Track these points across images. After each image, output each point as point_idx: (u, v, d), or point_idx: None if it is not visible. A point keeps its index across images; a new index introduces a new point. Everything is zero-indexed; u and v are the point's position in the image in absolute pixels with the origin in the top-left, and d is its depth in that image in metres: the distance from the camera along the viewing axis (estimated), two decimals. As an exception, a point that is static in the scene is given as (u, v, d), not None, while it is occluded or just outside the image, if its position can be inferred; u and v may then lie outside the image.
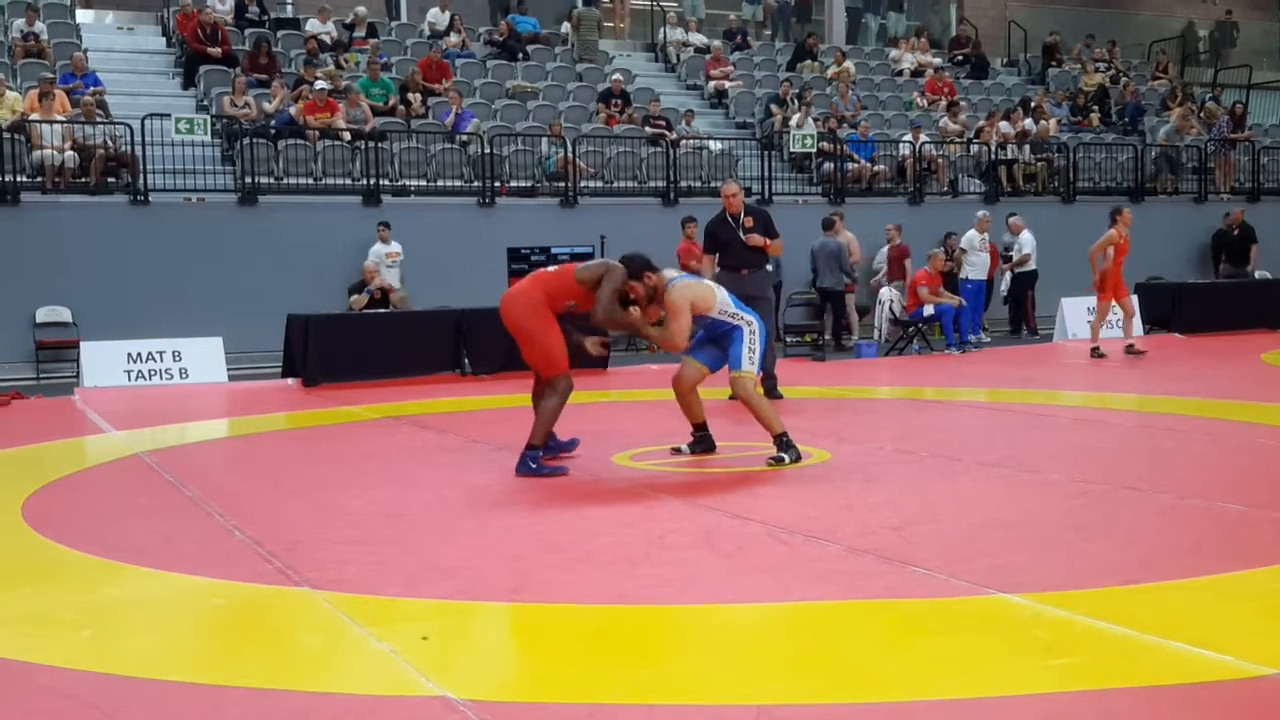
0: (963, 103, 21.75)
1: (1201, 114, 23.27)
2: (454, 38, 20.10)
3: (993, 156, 20.17)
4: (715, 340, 7.43)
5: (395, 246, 15.44)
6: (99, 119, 15.52)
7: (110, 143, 15.33)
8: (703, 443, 7.67)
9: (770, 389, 10.47)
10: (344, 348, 12.84)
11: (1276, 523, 5.48)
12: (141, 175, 15.08)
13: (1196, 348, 15.06)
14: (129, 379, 12.77)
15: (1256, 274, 19.27)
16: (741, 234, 10.33)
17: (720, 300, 7.31)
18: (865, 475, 6.88)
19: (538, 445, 7.03)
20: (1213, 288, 17.68)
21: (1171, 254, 18.05)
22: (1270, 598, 4.36)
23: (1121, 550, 5.12)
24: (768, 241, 10.35)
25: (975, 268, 16.64)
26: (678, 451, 7.69)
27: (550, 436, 7.46)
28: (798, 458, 7.21)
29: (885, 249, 17.61)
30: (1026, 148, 20.61)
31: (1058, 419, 9.38)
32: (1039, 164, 20.54)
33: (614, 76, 19.54)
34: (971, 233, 16.78)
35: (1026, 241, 17.07)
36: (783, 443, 7.24)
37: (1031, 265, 17.17)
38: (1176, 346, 15.50)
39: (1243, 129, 22.76)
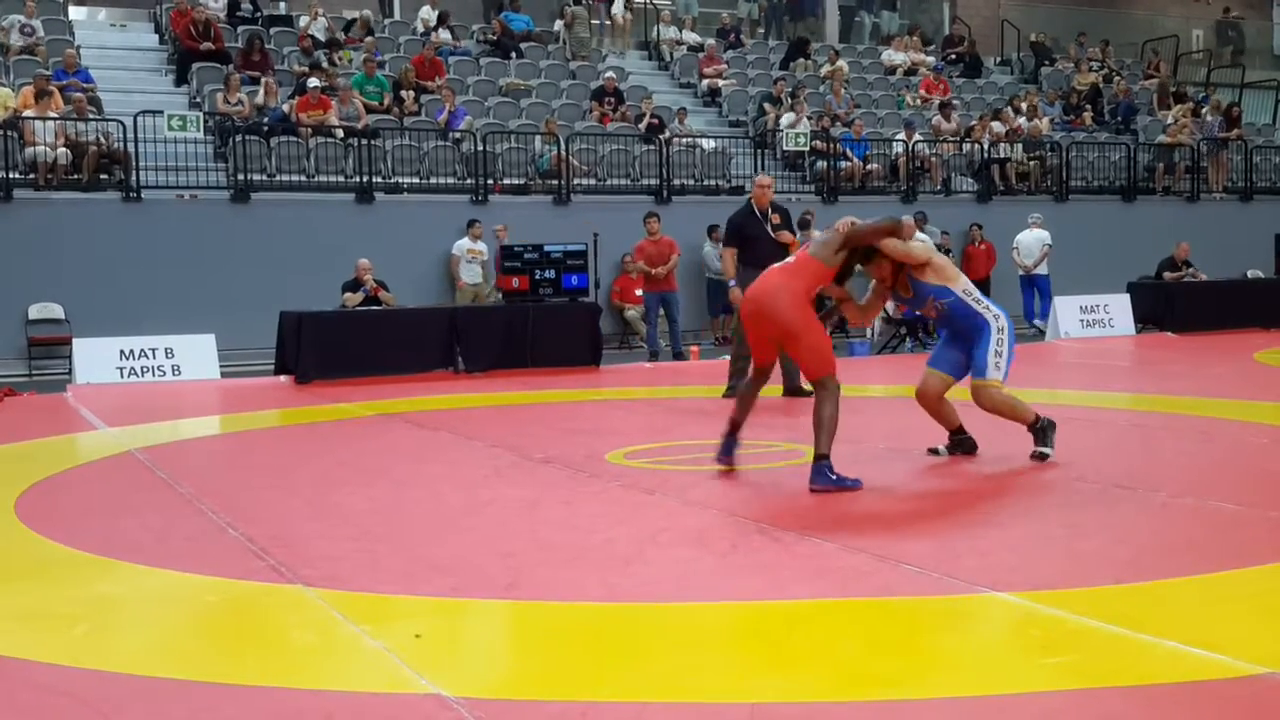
0: (955, 102, 21.77)
1: (1201, 114, 23.27)
2: (444, 34, 20.06)
3: (985, 155, 20.20)
4: (956, 339, 7.03)
5: (482, 245, 15.52)
6: (91, 116, 15.49)
7: (103, 139, 15.30)
8: (962, 444, 7.27)
9: (796, 387, 10.20)
10: (337, 345, 12.82)
11: (1271, 521, 5.49)
12: (134, 172, 15.06)
13: (1189, 346, 15.09)
14: (121, 376, 12.74)
15: (1249, 274, 19.34)
16: (770, 229, 9.90)
17: (966, 281, 6.95)
18: (859, 473, 6.87)
19: (827, 454, 6.39)
20: (1205, 287, 17.73)
21: (1164, 253, 18.05)
22: (1264, 596, 4.37)
23: (1114, 549, 5.12)
24: (794, 239, 10.04)
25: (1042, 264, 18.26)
26: (935, 452, 7.27)
27: (735, 437, 6.97)
28: (1054, 431, 7.01)
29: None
30: (1019, 147, 20.64)
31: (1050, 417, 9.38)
32: (1032, 163, 20.57)
33: (607, 74, 19.54)
34: (1040, 231, 18.14)
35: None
36: (1038, 430, 7.01)
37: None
38: (1169, 345, 15.54)
39: (1237, 127, 22.78)
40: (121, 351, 12.88)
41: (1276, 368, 12.60)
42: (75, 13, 20.06)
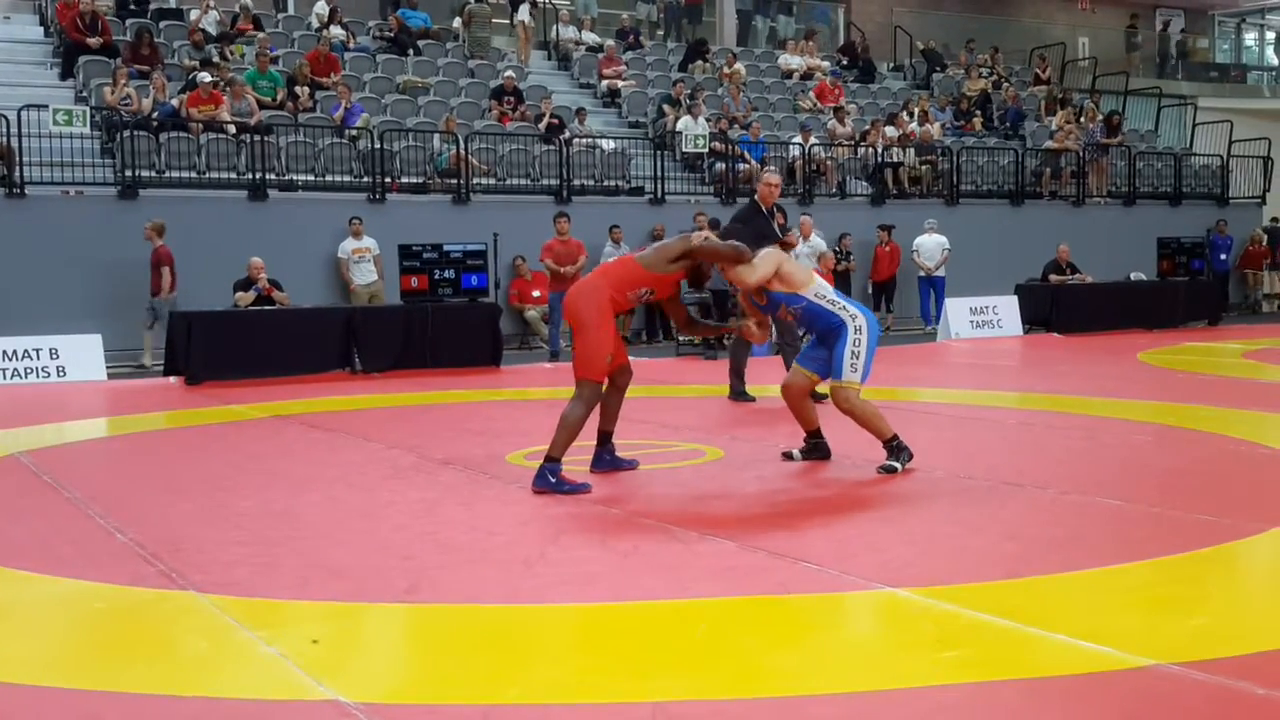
0: (850, 106, 22.09)
1: (1082, 121, 23.95)
2: (337, 30, 19.78)
3: (879, 159, 20.52)
4: (823, 339, 6.95)
5: (368, 242, 15.22)
6: (-29, 109, 15.00)
7: (-16, 134, 14.83)
8: (817, 449, 7.18)
9: (739, 390, 10.16)
10: (229, 345, 12.58)
11: (1153, 517, 5.66)
12: (18, 167, 14.60)
13: (1075, 347, 15.51)
14: (4, 377, 12.36)
15: (1132, 276, 19.96)
16: (778, 229, 9.55)
17: (818, 284, 6.88)
18: (758, 473, 6.95)
19: (557, 457, 6.39)
20: (1090, 289, 18.23)
21: (1050, 256, 18.53)
22: (1147, 590, 4.51)
23: (1004, 544, 5.25)
24: (796, 238, 9.77)
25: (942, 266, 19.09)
26: (789, 457, 7.19)
27: (609, 450, 6.96)
28: (909, 459, 6.84)
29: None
30: (911, 151, 21.02)
31: (941, 416, 9.57)
32: (923, 167, 20.96)
33: (506, 74, 19.45)
34: (939, 236, 18.97)
35: (817, 245, 17.13)
36: (893, 448, 6.84)
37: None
38: (1055, 346, 15.94)
39: (1118, 134, 23.48)
40: (4, 352, 12.50)
41: (1159, 368, 13.00)
42: (-46, 3, 19.42)
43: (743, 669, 3.72)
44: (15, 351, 12.55)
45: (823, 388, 7.30)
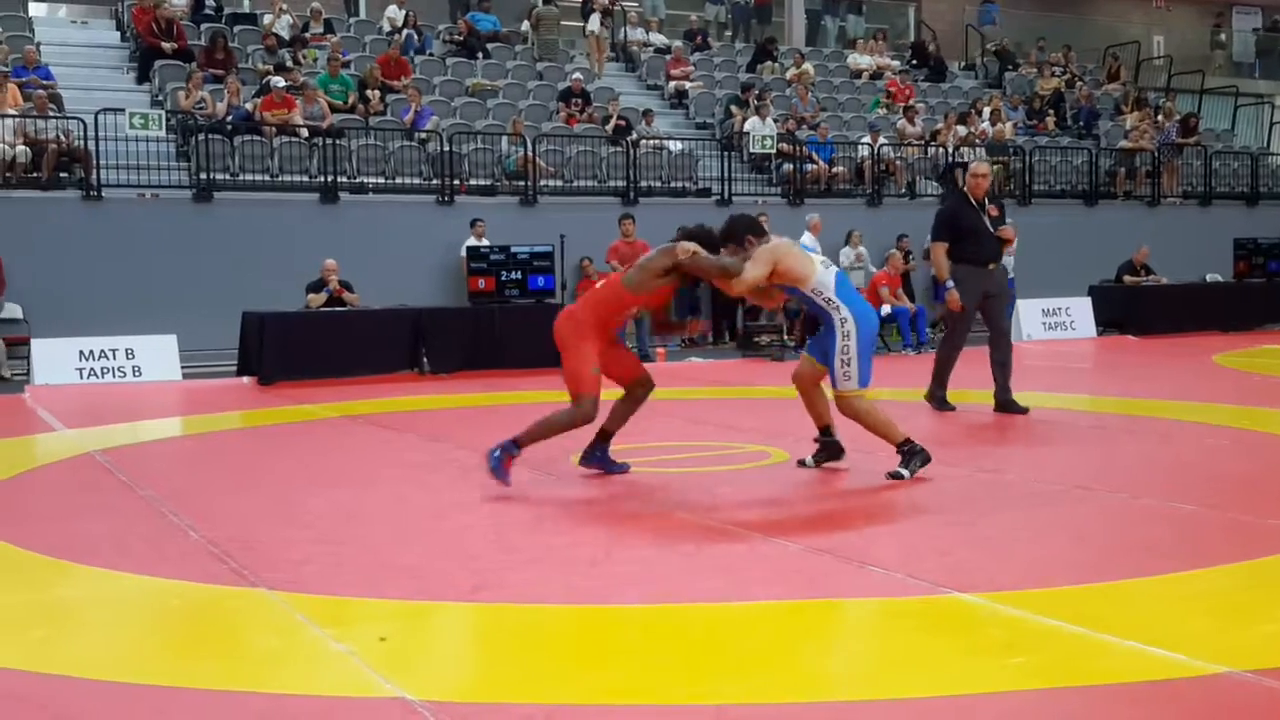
0: (920, 105, 21.90)
1: (1158, 121, 23.55)
2: (412, 34, 19.97)
3: (950, 159, 20.32)
4: (826, 331, 6.73)
5: (488, 243, 15.40)
6: (51, 113, 15.33)
7: (63, 137, 15.15)
8: (828, 449, 6.97)
9: (940, 398, 9.45)
10: (301, 346, 12.75)
11: (1227, 522, 5.56)
12: (94, 170, 14.92)
13: (1150, 349, 15.25)
14: (81, 377, 12.62)
15: (1207, 277, 19.57)
16: (989, 222, 9.15)
17: (819, 278, 6.58)
18: (822, 475, 6.91)
19: (521, 443, 6.59)
20: (1165, 290, 17.93)
21: (1125, 257, 18.25)
22: (1220, 596, 4.43)
23: (1075, 549, 5.18)
24: (1014, 235, 9.42)
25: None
26: (803, 464, 7.01)
27: (603, 449, 7.01)
28: (923, 463, 6.64)
29: (846, 249, 17.63)
30: (983, 150, 20.78)
31: (1013, 419, 9.45)
32: (995, 167, 20.71)
33: (574, 76, 19.53)
34: None
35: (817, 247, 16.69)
36: (906, 452, 6.62)
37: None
38: (1130, 348, 15.69)
39: (1194, 135, 23.05)
40: (81, 352, 12.76)
41: (1235, 370, 12.75)
42: (35, 9, 19.89)
43: (806, 673, 3.71)
44: (92, 352, 12.80)
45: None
